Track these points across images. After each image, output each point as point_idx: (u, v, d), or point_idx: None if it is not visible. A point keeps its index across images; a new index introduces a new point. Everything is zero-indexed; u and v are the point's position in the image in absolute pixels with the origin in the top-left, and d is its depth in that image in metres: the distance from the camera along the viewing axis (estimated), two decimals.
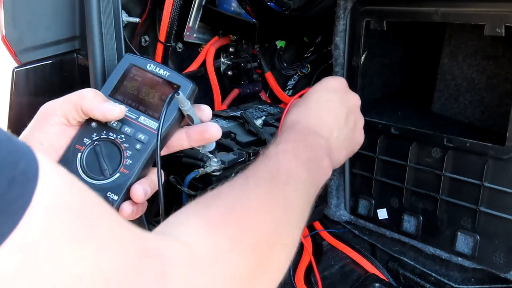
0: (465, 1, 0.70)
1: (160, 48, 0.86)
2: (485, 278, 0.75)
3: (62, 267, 0.26)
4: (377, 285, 0.79)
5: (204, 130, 0.56)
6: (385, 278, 0.81)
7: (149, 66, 0.55)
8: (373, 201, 0.86)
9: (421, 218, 0.80)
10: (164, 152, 0.57)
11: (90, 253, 0.28)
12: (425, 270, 0.80)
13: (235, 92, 1.02)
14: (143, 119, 0.54)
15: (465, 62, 0.83)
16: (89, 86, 0.62)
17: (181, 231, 0.38)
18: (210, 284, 0.36)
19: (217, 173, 0.67)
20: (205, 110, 0.57)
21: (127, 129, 0.54)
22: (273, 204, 0.46)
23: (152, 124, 0.54)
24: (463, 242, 0.74)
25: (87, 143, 0.53)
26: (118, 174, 0.52)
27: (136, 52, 0.85)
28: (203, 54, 0.96)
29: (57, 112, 0.51)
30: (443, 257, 0.77)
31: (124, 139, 0.53)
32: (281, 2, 0.88)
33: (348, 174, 0.90)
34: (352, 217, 0.90)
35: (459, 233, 0.75)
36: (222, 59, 1.02)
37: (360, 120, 0.68)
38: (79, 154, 0.53)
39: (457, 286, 0.76)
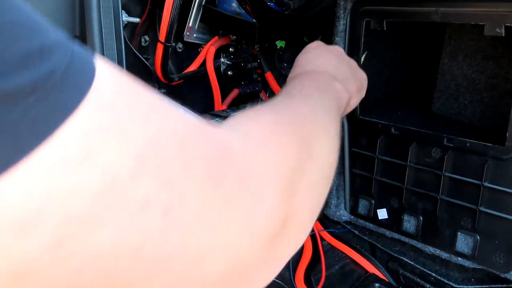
0: (465, 1, 0.70)
1: (160, 48, 0.86)
2: (485, 278, 0.75)
3: (142, 123, 0.26)
4: (377, 285, 0.79)
5: None
6: (385, 278, 0.81)
7: None
8: (373, 201, 0.86)
9: (421, 218, 0.80)
10: None
11: (159, 115, 0.28)
12: (425, 270, 0.80)
13: (235, 92, 1.02)
14: None
15: (465, 62, 0.83)
16: None
17: (230, 125, 0.40)
18: (267, 152, 0.37)
19: None
20: None
21: None
22: (296, 105, 0.50)
23: None
24: (463, 242, 0.74)
25: None
26: None
27: (136, 52, 0.85)
28: (203, 54, 0.96)
29: None
30: (443, 257, 0.77)
31: None
32: (281, 2, 0.88)
33: (348, 174, 0.90)
34: (352, 217, 0.90)
35: (459, 233, 0.75)
36: (222, 59, 1.02)
37: (353, 61, 0.72)
38: None
39: (457, 286, 0.76)
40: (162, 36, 0.85)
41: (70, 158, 0.22)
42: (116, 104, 0.25)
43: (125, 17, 0.83)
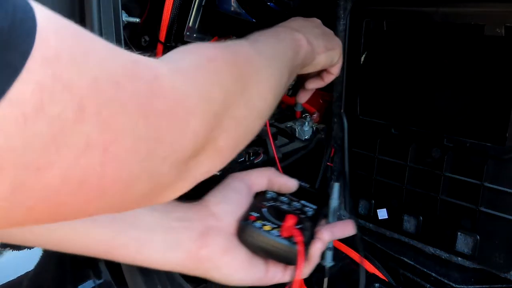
0: (465, 1, 0.70)
1: (160, 48, 0.86)
2: (485, 278, 0.75)
3: (83, 71, 0.28)
4: (377, 285, 0.79)
5: (346, 225, 0.67)
6: (385, 278, 0.81)
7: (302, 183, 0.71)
8: (373, 201, 0.86)
9: (421, 218, 0.80)
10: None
11: (96, 59, 0.29)
12: (425, 270, 0.80)
13: None
14: (304, 202, 0.67)
15: (465, 61, 0.83)
16: None
17: (160, 58, 0.41)
18: (197, 85, 0.39)
19: (217, 173, 0.67)
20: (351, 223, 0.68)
21: (296, 204, 0.67)
22: (243, 47, 0.51)
23: (312, 206, 0.67)
24: (463, 242, 0.74)
25: (267, 204, 0.64)
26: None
27: (136, 52, 0.85)
28: None
29: (246, 181, 0.65)
30: (443, 257, 0.77)
31: (295, 208, 0.65)
32: (281, 2, 0.88)
33: (348, 174, 0.90)
34: (352, 217, 0.90)
35: (459, 233, 0.75)
36: None
37: (328, 30, 0.75)
38: (264, 208, 0.63)
39: (457, 286, 0.76)
40: (162, 36, 0.85)
41: (23, 114, 0.24)
42: (59, 56, 0.27)
43: (125, 17, 0.83)
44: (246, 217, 0.61)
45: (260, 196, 0.66)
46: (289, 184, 0.68)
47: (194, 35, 0.96)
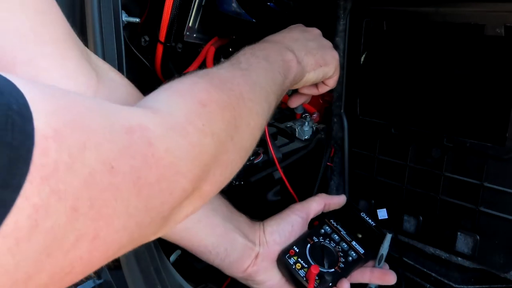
0: (465, 1, 0.70)
1: (160, 48, 0.86)
2: (485, 278, 0.75)
3: (79, 171, 0.28)
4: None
5: (386, 274, 0.75)
6: None
7: (363, 214, 0.79)
8: (373, 201, 0.86)
9: (421, 218, 0.80)
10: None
11: (92, 147, 0.30)
12: (425, 270, 0.80)
13: None
14: (355, 244, 0.76)
15: (465, 62, 0.83)
16: None
17: (153, 102, 0.42)
18: (190, 141, 0.39)
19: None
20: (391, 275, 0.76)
21: (344, 245, 0.76)
22: (236, 78, 0.52)
23: (360, 249, 0.76)
24: (463, 242, 0.74)
25: (315, 240, 0.75)
26: (333, 270, 0.72)
27: (136, 52, 0.85)
28: (203, 54, 0.96)
29: (304, 214, 0.76)
30: (443, 257, 0.77)
31: (339, 250, 0.75)
32: (281, 2, 0.88)
33: (348, 174, 0.90)
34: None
35: (459, 233, 0.75)
36: (222, 59, 1.02)
37: (326, 41, 0.76)
38: (309, 244, 0.74)
39: (457, 286, 0.76)
40: (162, 36, 0.85)
41: (16, 239, 0.25)
42: (57, 168, 0.27)
43: (125, 17, 0.83)
44: (287, 250, 0.72)
45: (315, 228, 0.77)
46: (340, 202, 0.80)
47: (194, 35, 0.96)
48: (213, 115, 0.43)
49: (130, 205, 0.32)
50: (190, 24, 0.94)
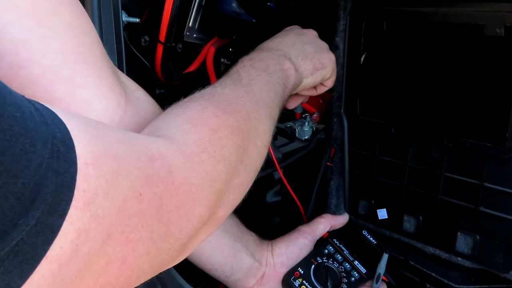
0: (465, 1, 0.70)
1: (160, 48, 0.86)
2: (485, 278, 0.75)
3: (115, 198, 0.30)
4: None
5: None
6: (385, 278, 0.81)
7: (364, 232, 0.80)
8: (373, 201, 0.86)
9: (421, 218, 0.80)
10: None
11: (124, 174, 0.31)
12: (425, 270, 0.80)
13: None
14: (357, 263, 0.78)
15: (465, 62, 0.83)
16: None
17: (167, 130, 0.43)
18: (204, 169, 0.41)
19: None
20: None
21: (347, 265, 0.78)
22: (240, 98, 0.53)
23: (362, 269, 0.78)
24: (463, 242, 0.74)
25: (319, 261, 0.77)
26: None
27: (136, 52, 0.85)
28: (203, 54, 0.96)
29: (312, 236, 0.79)
30: (443, 257, 0.77)
31: (342, 270, 0.77)
32: (281, 2, 0.88)
33: (348, 174, 0.90)
34: (352, 217, 0.90)
35: (459, 233, 0.75)
36: (222, 59, 1.02)
37: (322, 43, 0.76)
38: (313, 265, 0.76)
39: (457, 286, 0.76)
40: (162, 36, 0.85)
41: (58, 266, 0.26)
42: (97, 194, 0.29)
43: (125, 17, 0.83)
44: (292, 272, 0.75)
45: (319, 248, 0.79)
46: (344, 222, 0.84)
47: (194, 35, 0.96)
48: (223, 140, 0.45)
49: (153, 231, 0.34)
50: (190, 24, 0.94)
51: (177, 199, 0.36)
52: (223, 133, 0.45)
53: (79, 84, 0.45)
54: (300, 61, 0.69)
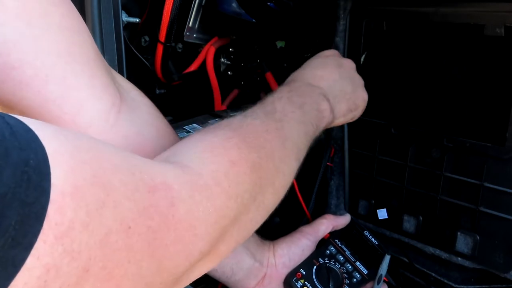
0: (465, 1, 0.70)
1: (160, 48, 0.86)
2: (485, 278, 0.75)
3: (95, 231, 0.28)
4: None
5: None
6: (385, 278, 0.81)
7: (366, 232, 0.81)
8: (373, 201, 0.86)
9: (421, 218, 0.80)
10: None
11: (111, 206, 0.29)
12: (425, 270, 0.80)
13: (235, 92, 1.02)
14: (359, 264, 0.78)
15: (465, 62, 0.83)
16: None
17: (185, 155, 0.41)
18: (213, 204, 0.38)
19: None
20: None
21: (349, 266, 0.78)
22: (269, 133, 0.50)
23: (363, 270, 0.77)
24: (463, 242, 0.74)
25: (321, 262, 0.77)
26: None
27: (136, 52, 0.85)
28: (203, 54, 0.96)
29: (314, 237, 0.78)
30: (443, 257, 0.77)
31: (344, 271, 0.77)
32: (281, 2, 0.88)
33: (348, 174, 0.90)
34: (352, 217, 0.90)
35: (459, 233, 0.75)
36: (222, 59, 1.02)
37: (359, 79, 0.72)
38: (315, 266, 0.76)
39: (457, 286, 0.76)
40: (162, 36, 0.85)
41: None
42: (73, 227, 0.26)
43: (125, 17, 0.83)
44: (294, 273, 0.74)
45: (320, 249, 0.79)
46: (346, 222, 0.84)
47: (194, 35, 0.96)
48: (240, 176, 0.42)
49: (143, 267, 0.31)
50: (190, 24, 0.94)
51: (176, 234, 0.34)
52: (242, 167, 0.43)
53: (71, 85, 0.44)
54: (337, 103, 0.65)
